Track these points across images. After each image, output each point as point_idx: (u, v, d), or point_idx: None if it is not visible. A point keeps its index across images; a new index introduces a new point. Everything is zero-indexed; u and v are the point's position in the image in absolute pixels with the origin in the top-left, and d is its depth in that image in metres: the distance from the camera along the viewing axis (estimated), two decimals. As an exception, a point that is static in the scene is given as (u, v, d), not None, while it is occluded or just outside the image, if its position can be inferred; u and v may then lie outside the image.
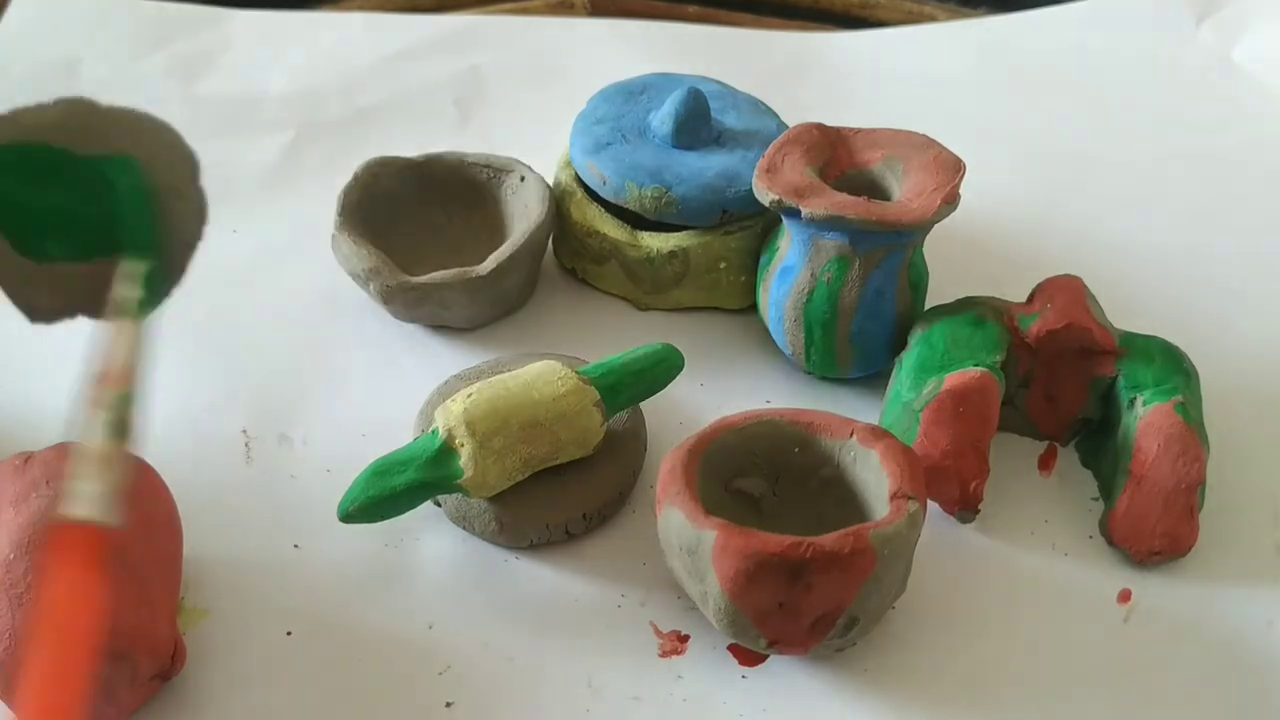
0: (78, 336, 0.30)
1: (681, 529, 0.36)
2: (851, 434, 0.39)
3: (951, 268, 0.50)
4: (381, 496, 0.40)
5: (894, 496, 0.37)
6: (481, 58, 0.63)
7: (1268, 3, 0.65)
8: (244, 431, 0.45)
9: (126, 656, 0.34)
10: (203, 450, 0.44)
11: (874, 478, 0.38)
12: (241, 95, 0.60)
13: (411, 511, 0.41)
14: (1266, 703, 0.38)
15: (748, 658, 0.39)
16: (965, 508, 0.41)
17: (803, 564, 0.35)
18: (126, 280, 0.21)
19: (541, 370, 0.41)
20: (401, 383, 0.47)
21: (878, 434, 0.39)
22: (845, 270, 0.43)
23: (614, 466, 0.42)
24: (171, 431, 0.44)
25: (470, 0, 0.68)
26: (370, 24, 0.64)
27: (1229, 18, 0.66)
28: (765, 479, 0.40)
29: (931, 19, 0.68)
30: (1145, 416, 0.41)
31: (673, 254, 0.48)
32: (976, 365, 0.42)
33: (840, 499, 0.40)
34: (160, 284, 0.25)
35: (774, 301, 0.45)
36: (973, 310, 0.44)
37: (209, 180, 0.32)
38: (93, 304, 0.28)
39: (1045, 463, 0.45)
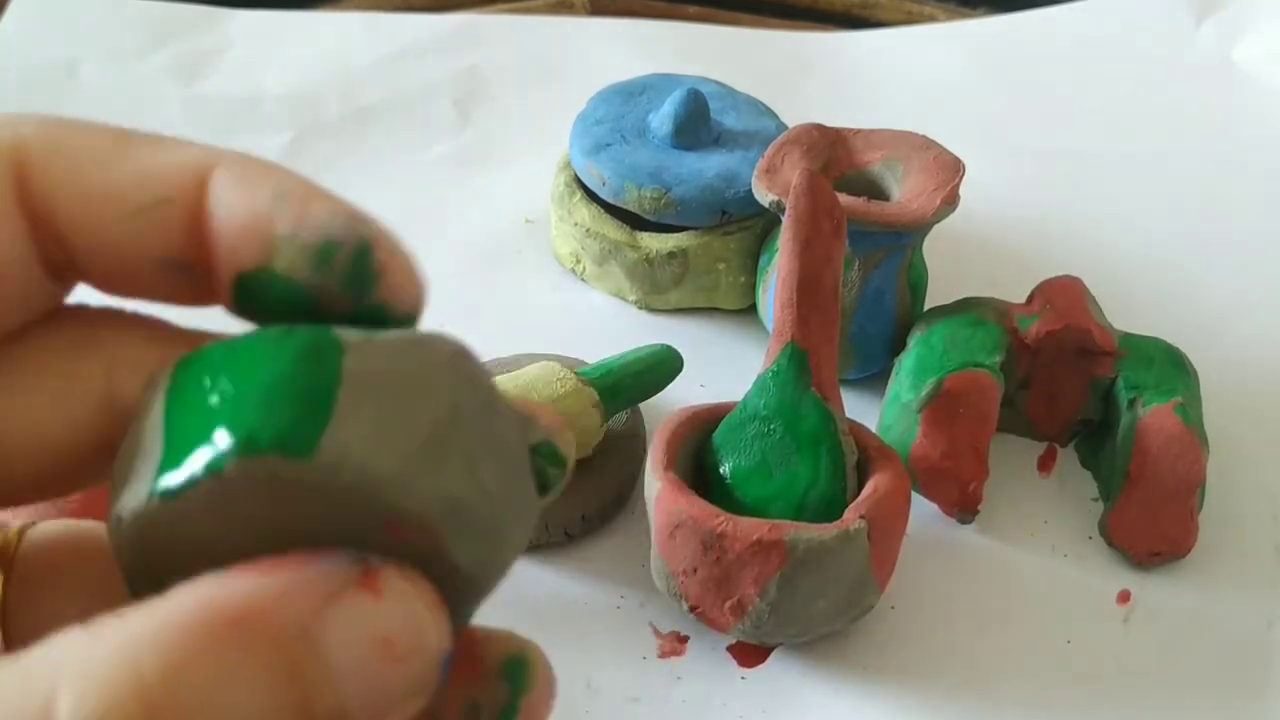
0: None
1: (649, 481, 0.38)
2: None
3: (951, 268, 0.50)
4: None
5: (851, 509, 0.37)
6: (481, 58, 0.63)
7: (1268, 3, 0.65)
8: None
9: None
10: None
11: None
12: (240, 95, 0.60)
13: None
14: (1266, 703, 0.38)
15: (747, 659, 0.39)
16: (964, 508, 0.41)
17: (715, 535, 0.35)
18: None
19: (540, 371, 0.41)
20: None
21: (885, 451, 0.39)
22: (845, 271, 0.43)
23: (613, 468, 0.42)
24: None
25: (470, 0, 0.68)
26: (369, 24, 0.64)
27: (1229, 18, 0.66)
28: None
29: (931, 19, 0.68)
30: (1145, 417, 0.41)
31: (672, 255, 0.48)
32: (976, 366, 0.42)
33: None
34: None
35: (773, 302, 0.45)
36: (972, 311, 0.44)
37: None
38: None
39: (1045, 463, 0.45)
